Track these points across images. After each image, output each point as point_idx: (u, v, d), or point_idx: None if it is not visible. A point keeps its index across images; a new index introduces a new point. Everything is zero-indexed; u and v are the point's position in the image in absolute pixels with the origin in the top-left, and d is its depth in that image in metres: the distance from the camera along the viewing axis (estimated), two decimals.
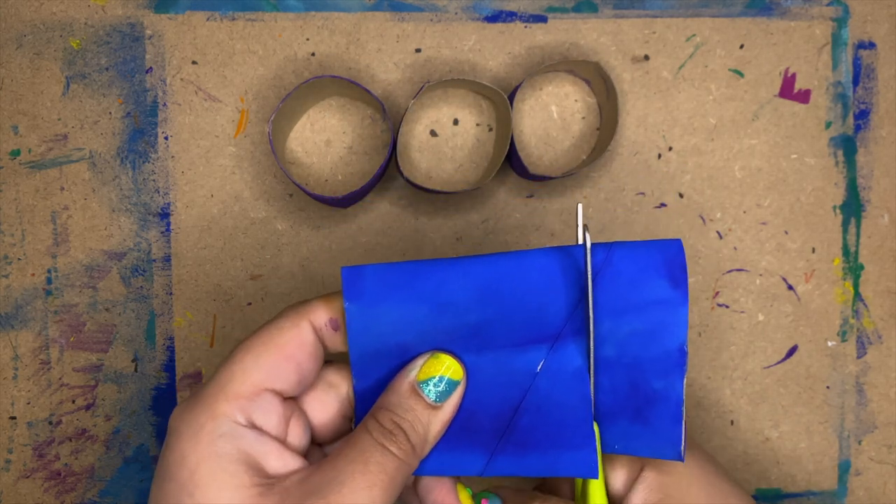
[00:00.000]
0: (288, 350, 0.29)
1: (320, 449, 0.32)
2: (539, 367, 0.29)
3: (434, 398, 0.29)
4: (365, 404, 0.30)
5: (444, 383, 0.29)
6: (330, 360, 0.33)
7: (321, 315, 0.30)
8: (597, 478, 0.30)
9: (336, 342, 0.31)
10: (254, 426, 0.28)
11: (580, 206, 0.30)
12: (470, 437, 0.30)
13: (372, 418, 0.28)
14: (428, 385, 0.29)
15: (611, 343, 0.29)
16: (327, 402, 0.31)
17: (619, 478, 0.33)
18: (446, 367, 0.29)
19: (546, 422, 0.29)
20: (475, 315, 0.29)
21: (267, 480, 0.27)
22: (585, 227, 0.29)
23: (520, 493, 0.33)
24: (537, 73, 0.42)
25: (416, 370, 0.29)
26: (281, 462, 0.28)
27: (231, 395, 0.28)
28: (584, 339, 0.29)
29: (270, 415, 0.28)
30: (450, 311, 0.29)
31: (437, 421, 0.29)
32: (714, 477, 0.34)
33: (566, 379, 0.29)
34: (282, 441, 0.29)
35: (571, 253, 0.29)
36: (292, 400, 0.30)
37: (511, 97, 0.41)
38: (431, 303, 0.30)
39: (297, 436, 0.29)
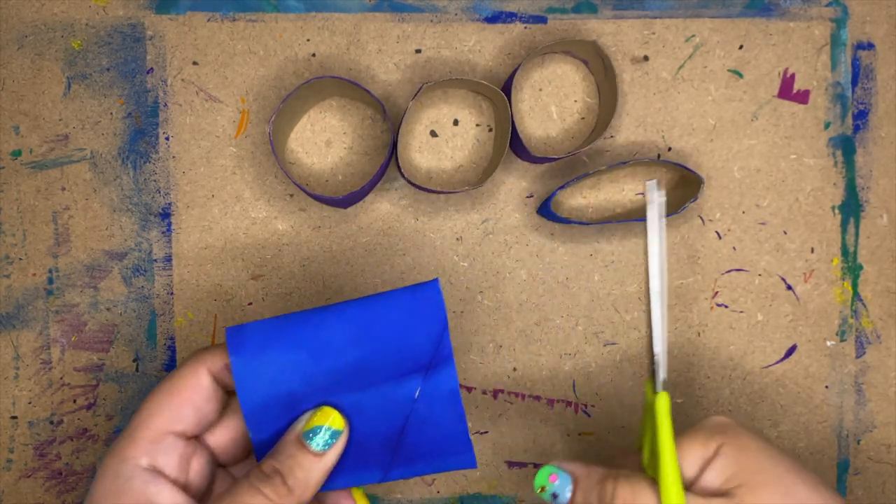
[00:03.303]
0: (186, 395, 0.33)
1: (228, 472, 0.35)
2: (416, 394, 0.33)
3: (318, 447, 0.32)
4: (262, 454, 0.33)
5: (327, 433, 0.32)
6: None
7: (217, 361, 0.33)
8: (475, 467, 0.34)
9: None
10: (155, 469, 0.32)
11: (651, 184, 0.35)
12: (366, 459, 0.33)
13: (256, 467, 0.32)
14: (313, 436, 0.32)
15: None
16: (232, 427, 0.34)
17: (694, 455, 0.33)
18: (331, 420, 0.32)
19: (428, 437, 0.33)
20: (353, 355, 0.33)
21: None
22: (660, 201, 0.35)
23: (590, 469, 0.35)
24: (535, 54, 0.42)
25: (302, 423, 0.32)
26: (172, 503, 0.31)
27: (138, 440, 0.32)
28: (451, 365, 0.33)
29: (172, 455, 0.32)
30: (329, 355, 0.33)
31: (320, 467, 0.32)
32: (785, 457, 0.34)
33: (441, 399, 0.33)
34: (180, 481, 0.32)
35: (426, 289, 0.33)
36: (195, 438, 0.33)
37: (510, 83, 0.41)
38: (311, 349, 0.33)
39: (197, 472, 0.33)
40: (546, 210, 0.42)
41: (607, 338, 0.44)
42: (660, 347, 0.35)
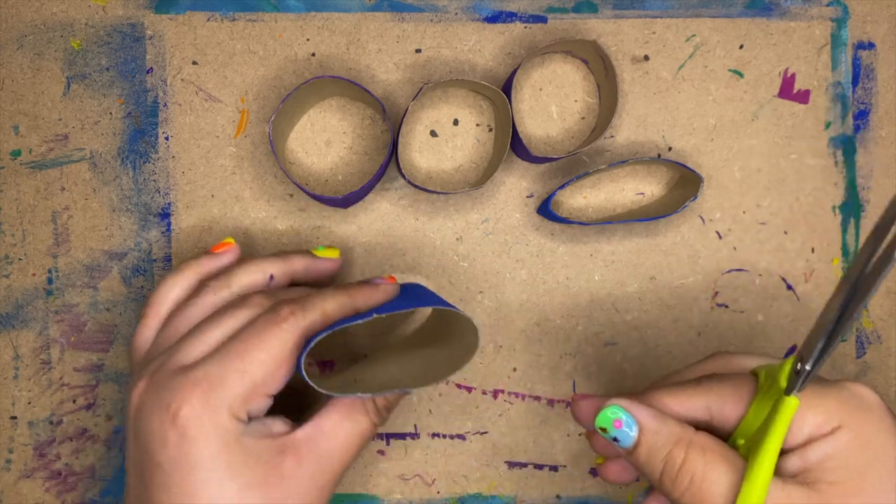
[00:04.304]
0: (287, 366, 0.33)
1: None
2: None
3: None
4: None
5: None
6: None
7: (311, 328, 0.33)
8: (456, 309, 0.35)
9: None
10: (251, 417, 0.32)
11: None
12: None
13: None
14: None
15: None
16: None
17: (807, 423, 0.29)
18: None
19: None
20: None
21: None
22: None
23: (662, 425, 0.30)
24: (535, 54, 0.42)
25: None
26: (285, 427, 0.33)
27: (238, 402, 0.31)
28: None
29: (262, 406, 0.33)
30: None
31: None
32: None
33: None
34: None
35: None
36: None
37: (510, 83, 0.41)
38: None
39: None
40: (546, 210, 0.42)
41: (607, 338, 0.44)
42: (822, 362, 0.29)
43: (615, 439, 0.30)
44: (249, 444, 0.31)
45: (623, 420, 0.30)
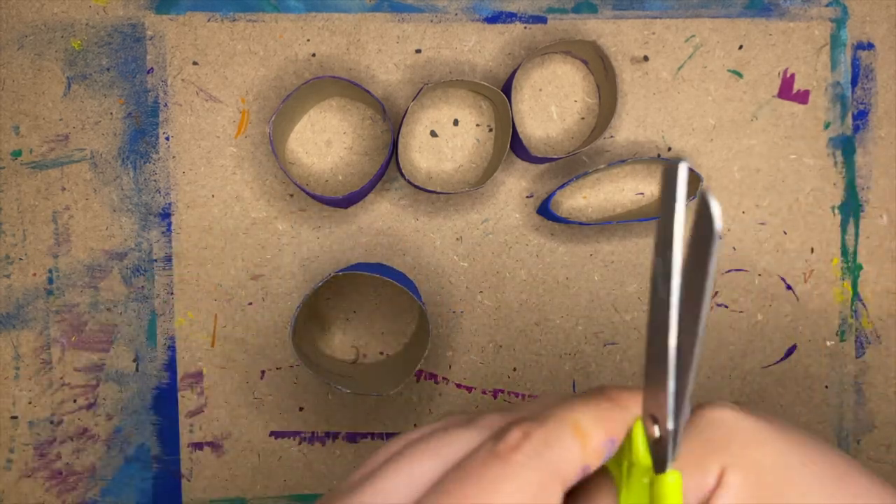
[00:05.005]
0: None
1: None
2: None
3: None
4: None
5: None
6: None
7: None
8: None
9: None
10: None
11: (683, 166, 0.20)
12: None
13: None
14: None
15: None
16: None
17: (688, 489, 0.22)
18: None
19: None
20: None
21: None
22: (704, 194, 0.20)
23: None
24: (535, 54, 0.42)
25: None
26: None
27: None
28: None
29: None
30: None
31: None
32: (819, 460, 0.23)
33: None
34: None
35: None
36: None
37: (510, 83, 0.41)
38: None
39: None
40: (546, 210, 0.42)
41: (607, 338, 0.44)
42: (684, 411, 0.22)
43: None
44: None
45: None
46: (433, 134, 0.44)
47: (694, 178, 0.42)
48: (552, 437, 0.20)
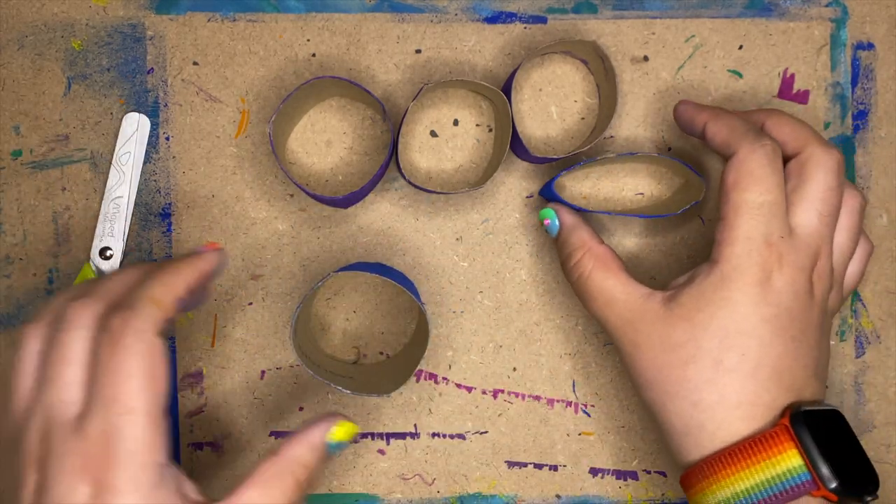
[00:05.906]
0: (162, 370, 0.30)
1: None
2: None
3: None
4: None
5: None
6: None
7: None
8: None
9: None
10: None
11: None
12: None
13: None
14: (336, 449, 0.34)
15: None
16: None
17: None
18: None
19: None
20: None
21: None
22: None
23: (574, 228, 0.39)
24: (535, 54, 0.42)
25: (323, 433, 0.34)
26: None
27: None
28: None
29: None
30: None
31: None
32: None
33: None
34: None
35: None
36: None
37: (510, 83, 0.41)
38: None
39: None
40: (549, 191, 0.41)
41: (607, 338, 0.44)
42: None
43: (548, 228, 0.40)
44: (163, 496, 0.29)
45: (550, 221, 0.40)
46: (433, 134, 0.44)
47: (698, 183, 0.42)
48: (143, 315, 0.29)
